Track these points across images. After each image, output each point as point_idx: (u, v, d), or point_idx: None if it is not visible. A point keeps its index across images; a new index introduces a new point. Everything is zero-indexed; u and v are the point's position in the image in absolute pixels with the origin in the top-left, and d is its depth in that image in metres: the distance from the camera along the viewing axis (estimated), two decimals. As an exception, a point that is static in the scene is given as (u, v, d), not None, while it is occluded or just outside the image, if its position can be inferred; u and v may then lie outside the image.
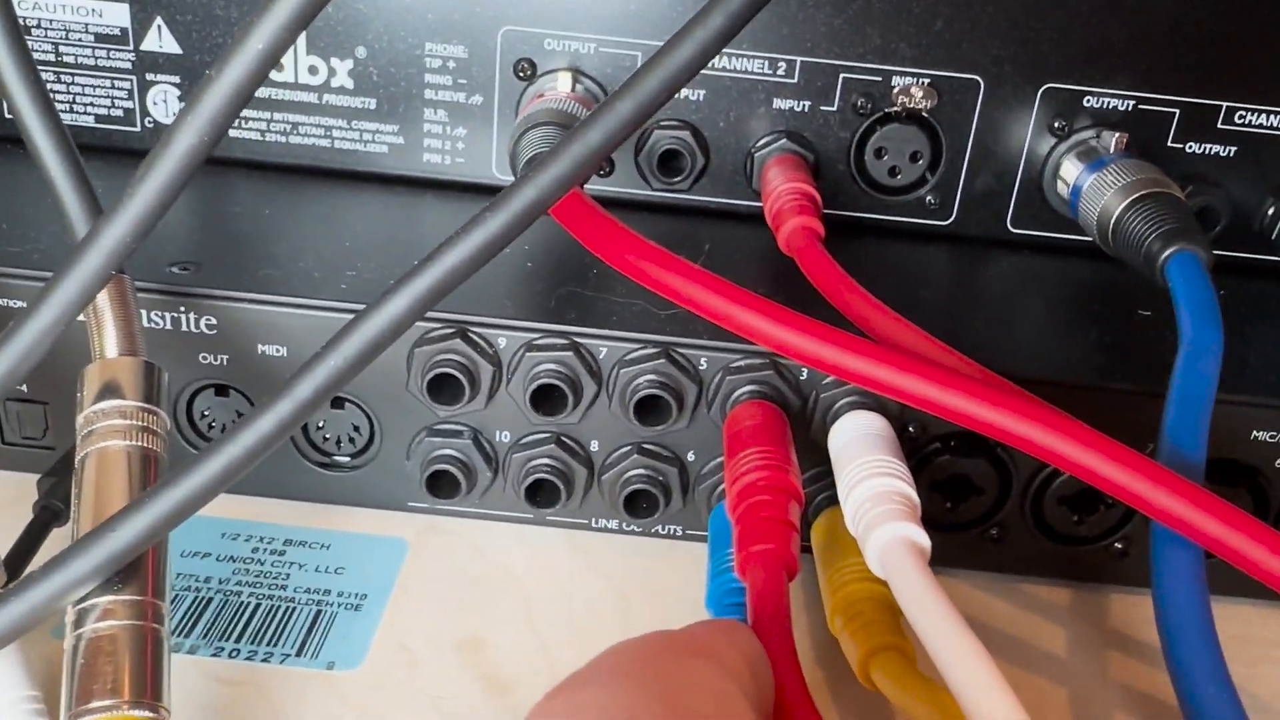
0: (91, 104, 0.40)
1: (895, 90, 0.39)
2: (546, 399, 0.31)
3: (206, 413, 0.33)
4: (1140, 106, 0.39)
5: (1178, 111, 0.39)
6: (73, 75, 0.40)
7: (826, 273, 0.32)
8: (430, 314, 0.31)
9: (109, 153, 0.41)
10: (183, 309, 0.32)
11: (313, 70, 0.39)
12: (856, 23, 0.38)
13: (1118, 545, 0.33)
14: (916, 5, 0.38)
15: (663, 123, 0.39)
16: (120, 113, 0.40)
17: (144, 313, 0.31)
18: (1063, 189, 0.39)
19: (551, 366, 0.31)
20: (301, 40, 0.39)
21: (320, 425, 0.33)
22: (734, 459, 0.28)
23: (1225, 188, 0.40)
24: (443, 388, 0.31)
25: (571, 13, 0.38)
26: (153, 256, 0.32)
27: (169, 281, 0.32)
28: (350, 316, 0.23)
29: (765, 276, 0.36)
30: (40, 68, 0.39)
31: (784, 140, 0.39)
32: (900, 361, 0.26)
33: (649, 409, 0.31)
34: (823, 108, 0.39)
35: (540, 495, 0.32)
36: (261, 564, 0.32)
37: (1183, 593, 0.24)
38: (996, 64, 0.39)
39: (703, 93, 0.39)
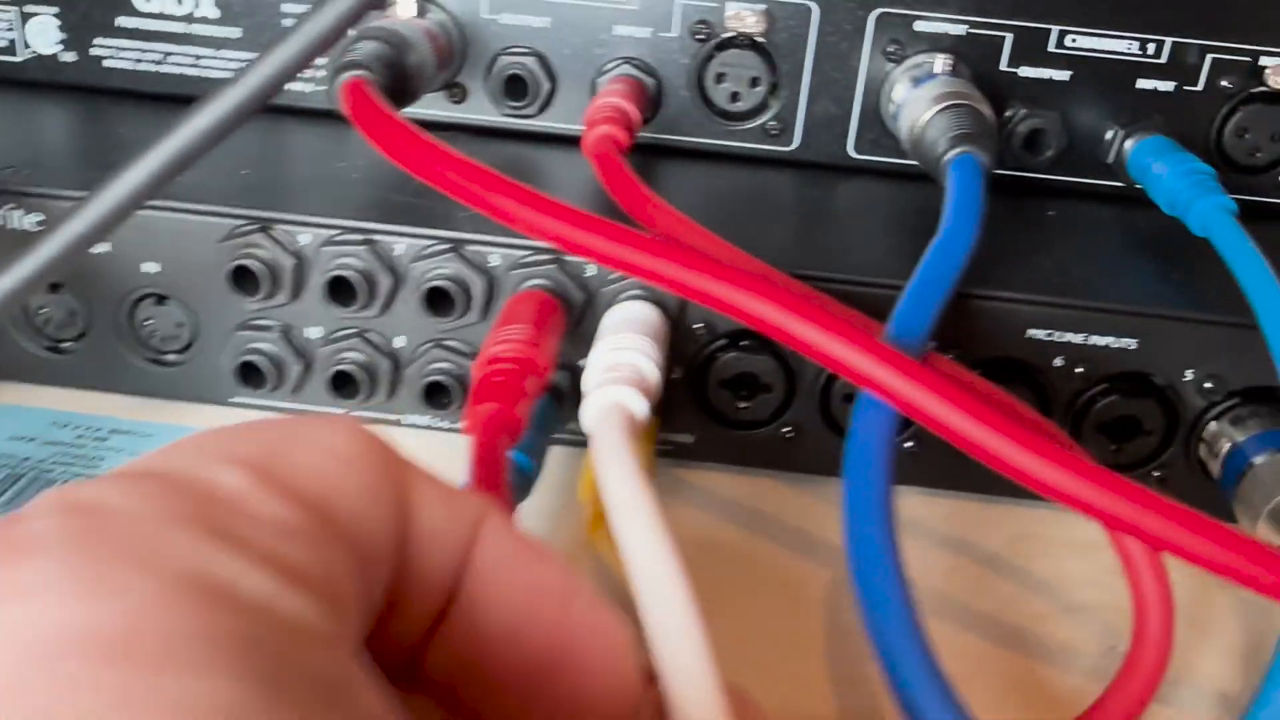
0: (-23, 35, 0.43)
1: (729, 16, 0.40)
2: (344, 293, 0.33)
3: (43, 309, 0.35)
4: (973, 31, 0.40)
5: (1009, 35, 0.40)
6: (-42, 7, 0.42)
7: (617, 177, 0.33)
8: (238, 211, 0.33)
9: (-5, 82, 0.43)
10: (11, 206, 0.34)
11: (178, 0, 0.41)
12: (690, -50, 0.39)
13: (906, 444, 0.34)
14: (747, -68, 0.39)
15: (510, 49, 0.41)
16: (4, 43, 0.43)
17: (-25, 210, 0.33)
18: (892, 109, 0.40)
19: (348, 261, 0.33)
20: (167, -29, 0.41)
21: (148, 321, 0.35)
22: (493, 335, 0.30)
23: (1060, 112, 0.40)
24: (247, 281, 0.33)
25: (419, -58, 0.40)
26: (-9, 161, 0.35)
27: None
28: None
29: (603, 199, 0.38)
30: (-73, 0, 0.42)
31: (625, 66, 0.41)
32: (646, 244, 0.28)
33: (440, 302, 0.33)
34: (663, 34, 0.41)
35: (345, 389, 0.34)
36: (82, 449, 0.34)
37: (867, 454, 0.25)
38: (828, -11, 0.40)
39: (548, 20, 0.41)
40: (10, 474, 0.32)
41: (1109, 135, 0.41)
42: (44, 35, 0.42)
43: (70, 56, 0.43)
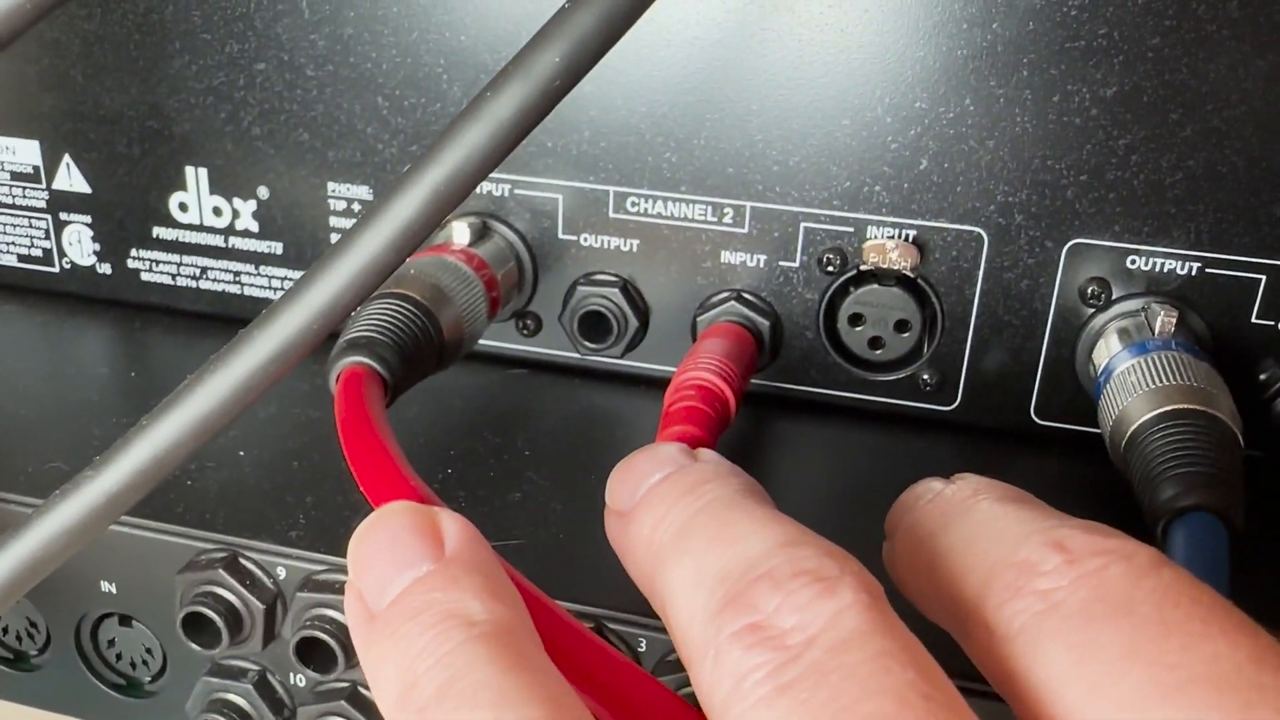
0: (13, 243, 0.38)
1: (868, 245, 0.30)
2: (322, 655, 0.25)
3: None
4: (1209, 270, 0.29)
5: (1264, 279, 0.29)
6: (-6, 213, 0.38)
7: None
8: (200, 534, 0.26)
9: (30, 294, 0.38)
10: (-46, 507, 0.28)
11: (217, 211, 0.35)
12: (819, 162, 0.30)
13: None
14: (894, 140, 0.30)
15: (592, 276, 0.33)
16: (40, 252, 0.38)
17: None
18: (1093, 372, 0.29)
19: (328, 614, 0.25)
20: (204, 179, 0.35)
21: (111, 642, 0.28)
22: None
23: (1340, 382, 0.29)
24: (204, 630, 0.26)
25: (483, 149, 0.32)
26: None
27: (-55, 473, 0.28)
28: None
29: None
30: (-37, 205, 0.38)
31: (733, 302, 0.32)
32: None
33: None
34: (782, 263, 0.32)
35: (332, 762, 0.26)
36: (18, 810, 0.27)
37: None
38: (1003, 214, 0.30)
39: (636, 242, 0.32)
40: None
41: None
42: (79, 245, 0.37)
43: (106, 269, 0.37)
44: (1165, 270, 0.29)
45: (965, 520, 0.17)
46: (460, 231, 0.32)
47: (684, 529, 0.17)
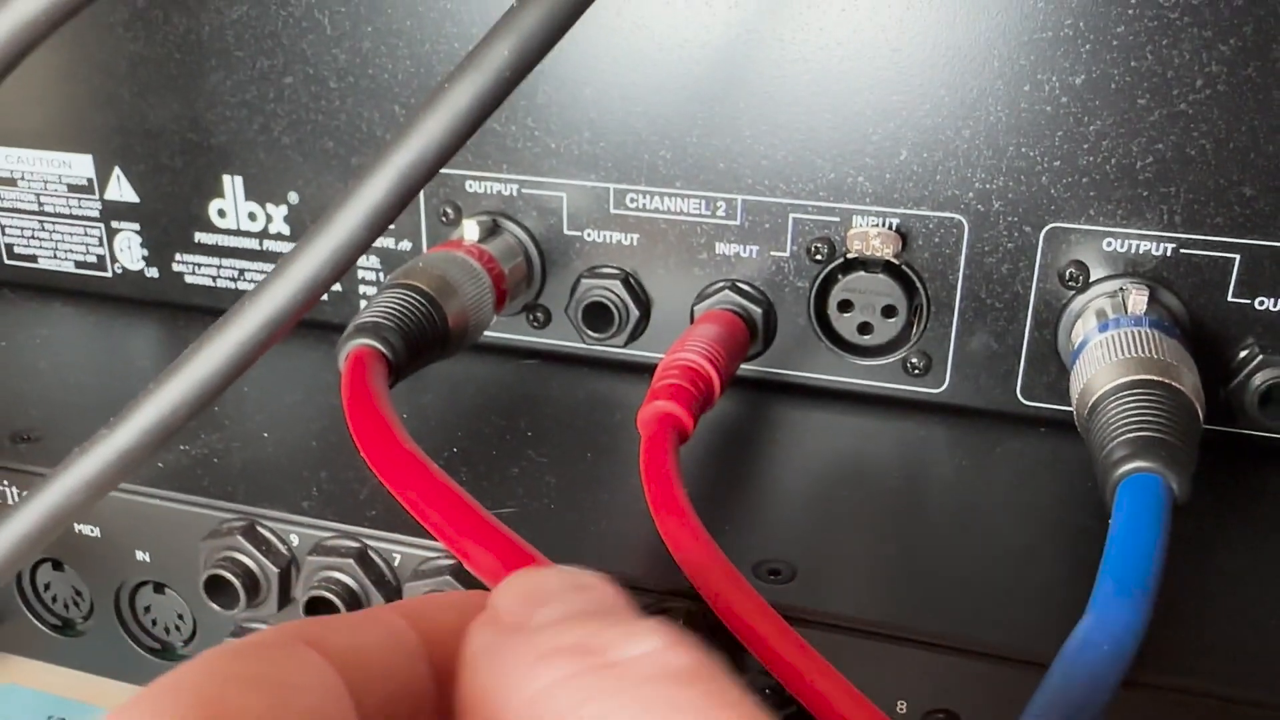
0: (71, 250, 0.41)
1: (852, 233, 0.32)
2: (326, 611, 0.27)
3: (49, 586, 0.32)
4: (1184, 250, 0.30)
5: (1238, 258, 0.29)
6: (54, 223, 0.41)
7: (655, 466, 0.26)
8: (221, 504, 0.28)
9: (86, 297, 0.41)
10: (6, 483, 0.30)
11: (252, 216, 0.38)
12: (805, 155, 0.32)
13: None
14: (875, 132, 0.31)
15: (596, 270, 0.35)
16: (94, 259, 0.41)
17: (-25, 484, 0.31)
18: (1071, 350, 0.30)
19: (335, 575, 0.27)
20: (240, 186, 0.38)
21: (147, 609, 0.31)
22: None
23: (1317, 358, 0.29)
24: (225, 592, 0.28)
25: (495, 154, 0.34)
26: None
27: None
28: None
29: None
30: (26, 216, 0.41)
31: (727, 291, 0.33)
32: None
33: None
34: (773, 253, 0.33)
35: (339, 716, 0.28)
36: (61, 760, 0.30)
37: None
38: (981, 200, 0.31)
39: (636, 237, 0.34)
40: (-29, 798, 0.28)
41: (1394, 388, 0.29)
42: (129, 251, 0.40)
43: (154, 273, 0.40)
44: (1141, 251, 0.30)
45: None
46: (470, 229, 0.34)
47: None
